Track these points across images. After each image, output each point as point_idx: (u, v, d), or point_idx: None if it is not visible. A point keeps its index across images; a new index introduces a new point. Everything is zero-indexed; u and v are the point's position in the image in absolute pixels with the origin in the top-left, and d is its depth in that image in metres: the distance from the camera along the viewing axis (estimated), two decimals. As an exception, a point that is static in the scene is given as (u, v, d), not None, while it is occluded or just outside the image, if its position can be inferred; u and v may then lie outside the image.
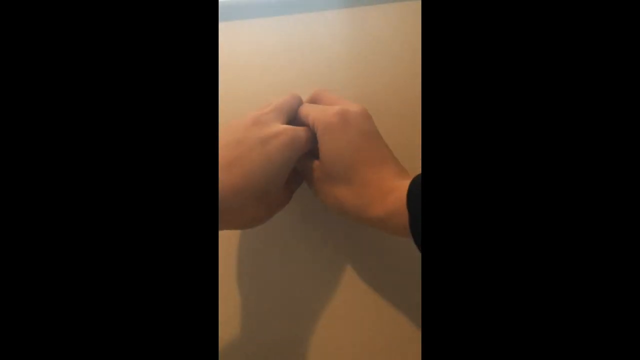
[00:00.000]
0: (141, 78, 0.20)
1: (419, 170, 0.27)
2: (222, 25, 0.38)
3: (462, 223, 0.19)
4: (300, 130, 0.29)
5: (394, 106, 0.36)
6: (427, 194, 0.20)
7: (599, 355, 0.18)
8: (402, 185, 0.26)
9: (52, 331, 0.19)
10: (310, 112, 0.30)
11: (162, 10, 0.20)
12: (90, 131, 0.20)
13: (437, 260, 0.20)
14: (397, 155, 0.31)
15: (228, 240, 0.36)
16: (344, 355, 0.34)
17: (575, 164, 0.18)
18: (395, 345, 0.34)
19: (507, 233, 0.19)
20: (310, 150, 0.30)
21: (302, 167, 0.31)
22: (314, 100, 0.33)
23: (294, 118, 0.32)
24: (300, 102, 0.32)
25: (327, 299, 0.35)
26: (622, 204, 0.18)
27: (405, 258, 0.34)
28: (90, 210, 0.19)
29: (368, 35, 0.37)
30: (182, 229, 0.20)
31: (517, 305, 0.18)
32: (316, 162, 0.30)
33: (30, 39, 0.19)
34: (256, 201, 0.28)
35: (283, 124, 0.30)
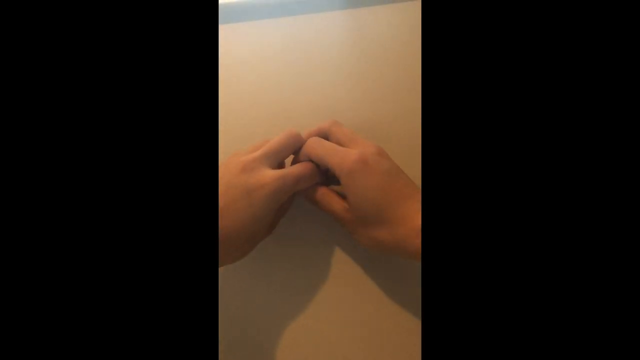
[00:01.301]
0: (140, 81, 0.20)
1: (418, 170, 0.27)
2: (222, 27, 0.39)
3: (461, 226, 0.19)
4: (288, 177, 0.29)
5: (394, 106, 0.36)
6: (426, 196, 0.20)
7: (599, 356, 0.18)
8: None
9: (57, 331, 0.19)
10: (327, 155, 0.30)
11: (162, 12, 0.21)
12: (91, 134, 0.20)
13: (436, 263, 0.20)
14: (397, 157, 0.31)
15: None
16: (342, 348, 0.34)
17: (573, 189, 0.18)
18: (394, 337, 0.34)
19: (505, 230, 0.19)
20: (332, 189, 0.32)
21: (331, 210, 0.32)
22: (325, 135, 0.33)
23: (289, 155, 0.33)
24: (298, 139, 0.32)
25: (326, 295, 0.35)
26: (621, 209, 0.18)
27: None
28: (89, 199, 0.19)
29: (368, 36, 0.37)
30: (181, 227, 0.20)
31: (516, 301, 0.18)
32: (345, 205, 0.31)
33: (31, 40, 0.19)
34: (241, 245, 0.30)
35: (274, 167, 0.31)
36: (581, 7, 0.19)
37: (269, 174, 0.29)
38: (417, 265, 0.30)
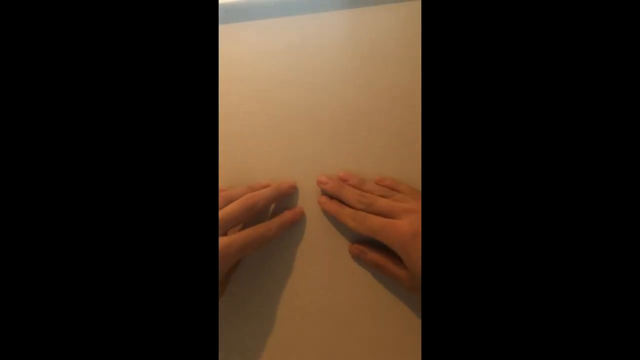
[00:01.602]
0: (140, 81, 0.20)
1: (418, 174, 0.27)
2: (222, 27, 0.39)
3: (461, 227, 0.19)
4: (233, 245, 0.30)
5: (395, 107, 0.36)
6: (427, 196, 0.20)
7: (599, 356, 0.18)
8: None
9: (61, 330, 0.19)
10: (377, 234, 0.31)
11: (162, 12, 0.21)
12: (91, 133, 0.20)
13: (437, 266, 0.20)
14: (397, 156, 0.31)
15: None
16: (343, 349, 0.34)
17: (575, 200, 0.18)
18: (394, 339, 0.34)
19: (505, 232, 0.19)
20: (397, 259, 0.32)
21: (395, 277, 0.32)
22: (370, 208, 0.33)
23: (242, 223, 0.34)
24: (254, 207, 0.32)
25: (326, 296, 0.35)
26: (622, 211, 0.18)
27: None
28: (91, 199, 0.19)
29: (369, 36, 0.37)
30: (181, 228, 0.20)
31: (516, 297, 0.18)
32: (407, 273, 0.31)
33: (31, 40, 0.19)
34: None
35: (224, 234, 0.31)
36: (581, 7, 0.19)
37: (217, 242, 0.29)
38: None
